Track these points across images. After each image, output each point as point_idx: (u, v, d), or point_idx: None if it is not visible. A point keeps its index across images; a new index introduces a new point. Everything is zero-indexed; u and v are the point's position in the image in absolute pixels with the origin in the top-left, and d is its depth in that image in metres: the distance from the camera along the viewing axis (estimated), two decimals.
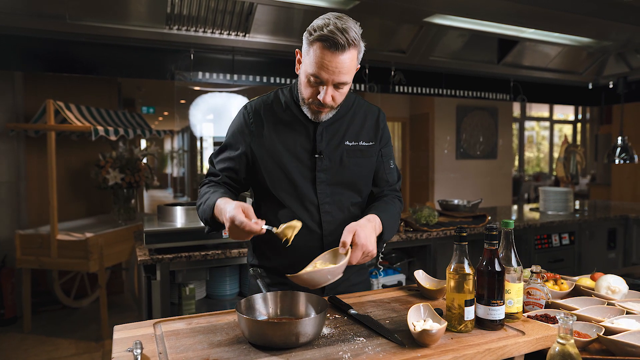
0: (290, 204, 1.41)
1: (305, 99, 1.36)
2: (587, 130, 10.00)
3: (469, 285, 1.13)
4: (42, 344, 3.52)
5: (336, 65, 1.25)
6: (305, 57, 1.31)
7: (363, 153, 1.47)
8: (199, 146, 9.79)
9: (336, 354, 1.01)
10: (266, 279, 1.49)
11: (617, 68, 4.62)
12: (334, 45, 1.23)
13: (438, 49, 3.86)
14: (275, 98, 1.47)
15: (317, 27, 1.26)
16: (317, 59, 1.26)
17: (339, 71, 1.26)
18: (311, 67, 1.28)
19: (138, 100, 7.53)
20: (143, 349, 1.03)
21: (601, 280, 1.56)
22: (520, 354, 1.09)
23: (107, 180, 4.10)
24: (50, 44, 3.00)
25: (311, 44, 1.27)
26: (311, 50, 1.27)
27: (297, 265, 1.29)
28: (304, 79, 1.32)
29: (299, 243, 1.34)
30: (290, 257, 1.41)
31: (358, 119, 1.49)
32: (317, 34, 1.24)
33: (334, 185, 1.43)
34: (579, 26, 3.61)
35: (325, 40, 1.23)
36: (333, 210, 1.43)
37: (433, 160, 6.70)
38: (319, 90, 1.31)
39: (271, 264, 1.48)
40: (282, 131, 1.42)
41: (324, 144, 1.42)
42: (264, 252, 1.49)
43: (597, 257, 3.70)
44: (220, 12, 3.04)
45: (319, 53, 1.25)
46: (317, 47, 1.25)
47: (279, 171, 1.41)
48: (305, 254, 1.35)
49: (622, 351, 1.14)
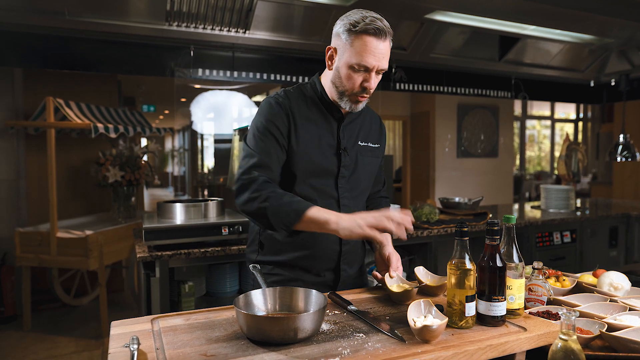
0: (313, 198, 1.44)
1: (347, 90, 1.40)
2: (588, 129, 9.97)
3: (470, 281, 1.12)
4: (41, 341, 3.51)
5: (381, 52, 1.34)
6: (345, 51, 1.36)
7: (372, 153, 1.57)
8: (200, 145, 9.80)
9: (335, 349, 1.00)
10: (277, 277, 1.49)
11: (619, 65, 4.60)
12: (379, 32, 1.32)
13: (439, 46, 3.84)
14: (300, 94, 1.50)
15: (357, 20, 1.33)
16: (364, 47, 1.33)
17: (383, 57, 1.36)
18: (357, 56, 1.34)
19: (139, 99, 7.52)
20: (140, 344, 1.02)
21: (603, 277, 1.55)
22: (522, 350, 1.08)
23: (107, 178, 4.09)
24: (50, 40, 2.99)
25: (357, 35, 1.33)
26: (356, 41, 1.34)
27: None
28: (346, 70, 1.37)
29: (319, 237, 1.41)
30: (310, 250, 1.47)
31: (367, 121, 1.59)
32: (362, 25, 1.32)
33: (351, 181, 1.50)
34: (580, 23, 3.59)
35: (371, 29, 1.32)
36: (350, 204, 1.50)
37: (434, 158, 6.68)
38: (363, 78, 1.37)
39: (286, 258, 1.49)
40: (310, 126, 1.46)
41: (345, 141, 1.49)
42: (278, 248, 1.50)
43: (599, 255, 3.68)
44: (220, 8, 3.03)
45: (366, 41, 1.32)
46: (364, 37, 1.32)
47: (306, 165, 1.44)
48: (324, 246, 1.46)
49: (625, 348, 1.12)
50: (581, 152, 4.36)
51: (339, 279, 1.52)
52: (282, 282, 1.48)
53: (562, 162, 4.40)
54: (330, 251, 1.48)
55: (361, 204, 1.57)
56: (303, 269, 1.49)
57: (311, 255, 1.47)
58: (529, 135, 10.97)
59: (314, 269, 1.49)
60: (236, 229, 2.32)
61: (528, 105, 9.40)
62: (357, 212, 1.40)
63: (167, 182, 14.27)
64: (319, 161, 1.44)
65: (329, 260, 1.49)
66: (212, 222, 2.30)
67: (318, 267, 1.49)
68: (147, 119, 4.86)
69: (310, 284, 1.46)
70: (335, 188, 1.47)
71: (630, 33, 3.85)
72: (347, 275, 1.54)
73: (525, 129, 9.45)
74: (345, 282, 1.54)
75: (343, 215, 1.26)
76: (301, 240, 1.36)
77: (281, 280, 1.48)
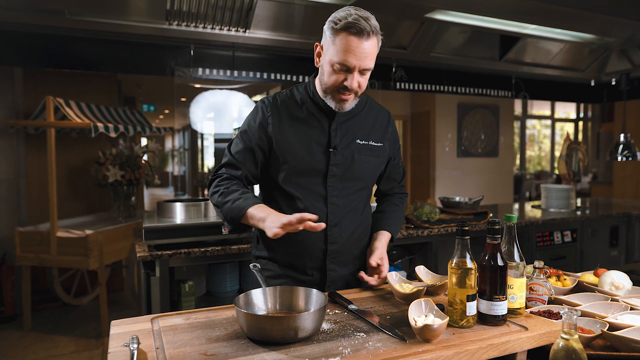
0: (299, 196, 1.45)
1: (329, 87, 1.39)
2: (588, 128, 9.96)
3: (471, 280, 1.12)
4: (41, 341, 3.51)
5: (362, 51, 1.31)
6: (329, 48, 1.35)
7: (372, 152, 1.53)
8: (200, 144, 9.79)
9: (336, 349, 0.99)
10: (269, 272, 1.51)
11: (620, 65, 4.60)
12: (360, 32, 1.29)
13: (439, 46, 3.84)
14: (290, 95, 1.51)
15: (340, 17, 1.31)
16: (344, 46, 1.31)
17: (365, 56, 1.32)
18: (338, 55, 1.32)
19: (139, 98, 7.52)
20: (140, 344, 1.01)
21: (605, 276, 1.55)
22: (523, 349, 1.07)
23: (107, 177, 4.09)
24: (50, 40, 2.98)
25: (337, 33, 1.31)
26: (337, 39, 1.32)
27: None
28: (329, 68, 1.37)
29: (305, 233, 1.38)
30: (296, 247, 1.47)
31: (370, 119, 1.55)
32: (342, 23, 1.30)
33: (344, 180, 1.48)
34: (581, 22, 3.58)
35: (352, 27, 1.29)
36: (340, 203, 1.48)
37: (434, 158, 6.68)
38: (344, 77, 1.35)
39: (277, 254, 1.52)
40: (297, 126, 1.46)
41: (337, 139, 1.47)
42: (270, 243, 1.52)
43: (599, 254, 3.68)
44: (220, 7, 3.02)
45: (346, 41, 1.30)
46: (344, 35, 1.31)
47: (292, 164, 1.44)
48: (309, 244, 1.46)
49: (627, 347, 1.12)
50: (581, 152, 4.35)
51: (325, 278, 1.49)
52: (274, 278, 1.50)
53: (562, 161, 4.39)
54: (315, 249, 1.46)
55: (356, 203, 1.52)
56: (291, 267, 1.50)
57: (297, 252, 1.47)
58: (529, 135, 10.96)
59: (300, 266, 1.49)
60: None
61: (528, 104, 9.39)
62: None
63: (167, 182, 14.26)
64: (306, 159, 1.44)
65: (314, 259, 1.47)
66: (212, 221, 2.30)
67: (304, 264, 1.48)
68: (147, 119, 4.86)
69: (298, 282, 1.47)
70: (323, 186, 1.45)
71: (630, 32, 3.84)
72: (337, 275, 1.50)
73: (526, 129, 9.45)
74: (335, 282, 1.50)
75: (272, 215, 1.29)
76: (288, 237, 1.33)
77: (272, 276, 1.50)
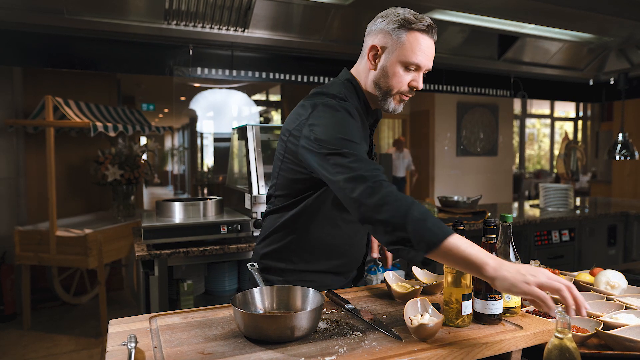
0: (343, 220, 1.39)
1: (394, 89, 1.35)
2: (587, 127, 9.97)
3: (467, 279, 1.12)
4: (41, 340, 3.52)
5: (432, 52, 1.35)
6: (396, 48, 1.32)
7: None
8: (199, 143, 9.79)
9: (332, 348, 1.00)
10: (303, 282, 1.41)
11: (618, 64, 4.60)
12: (432, 32, 1.33)
13: (438, 45, 3.80)
14: (346, 99, 1.34)
15: (410, 18, 1.30)
16: (418, 46, 1.31)
17: (433, 56, 1.36)
18: (410, 55, 1.31)
19: (138, 98, 7.53)
20: (138, 342, 1.02)
21: (600, 276, 1.55)
22: (518, 348, 1.08)
23: (106, 176, 4.10)
24: (49, 39, 2.99)
25: (410, 33, 1.30)
26: (409, 39, 1.31)
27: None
28: (396, 69, 1.33)
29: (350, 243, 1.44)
30: (342, 258, 1.46)
31: None
32: (417, 24, 1.30)
33: None
34: (580, 22, 3.59)
35: (426, 29, 1.31)
36: None
37: (433, 157, 6.69)
38: (412, 78, 1.35)
39: (315, 266, 1.42)
40: None
41: (373, 148, 1.48)
42: (306, 258, 1.42)
43: (597, 253, 3.69)
44: (219, 7, 3.03)
45: (420, 41, 1.31)
46: (418, 36, 1.31)
47: None
48: (355, 252, 1.48)
49: (621, 346, 1.13)
50: (580, 151, 4.36)
51: (361, 275, 1.56)
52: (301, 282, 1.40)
53: (561, 160, 4.40)
54: (359, 256, 1.50)
55: None
56: (334, 273, 1.46)
57: (343, 263, 1.46)
58: (529, 134, 10.97)
59: (345, 272, 1.49)
60: (235, 228, 2.32)
61: (527, 103, 9.41)
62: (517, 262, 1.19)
63: (167, 181, 14.26)
64: None
65: (357, 262, 1.51)
66: (211, 220, 2.31)
67: (349, 269, 1.50)
68: (146, 118, 4.87)
69: (338, 287, 1.46)
70: None
71: (629, 32, 3.85)
72: None
73: (525, 128, 9.46)
74: None
75: (504, 261, 1.01)
76: (336, 248, 1.35)
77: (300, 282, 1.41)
